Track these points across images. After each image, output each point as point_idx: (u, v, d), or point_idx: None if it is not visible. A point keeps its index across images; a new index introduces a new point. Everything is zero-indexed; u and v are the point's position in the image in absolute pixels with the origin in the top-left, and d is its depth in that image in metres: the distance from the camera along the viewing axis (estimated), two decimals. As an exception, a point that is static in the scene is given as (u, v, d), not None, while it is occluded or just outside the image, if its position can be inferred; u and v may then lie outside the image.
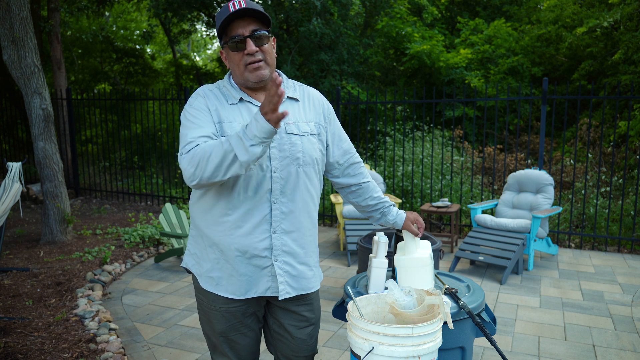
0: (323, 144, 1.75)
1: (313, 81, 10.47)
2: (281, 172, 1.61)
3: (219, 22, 1.55)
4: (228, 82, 1.68)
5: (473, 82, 9.04)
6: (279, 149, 1.61)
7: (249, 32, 1.55)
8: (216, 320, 1.70)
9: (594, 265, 5.06)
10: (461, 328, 1.78)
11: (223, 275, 1.65)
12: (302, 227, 1.68)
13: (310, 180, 1.69)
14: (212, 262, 1.66)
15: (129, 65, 15.49)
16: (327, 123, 1.77)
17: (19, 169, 4.53)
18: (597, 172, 6.69)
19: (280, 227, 1.63)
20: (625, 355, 3.10)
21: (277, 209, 1.61)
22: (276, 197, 1.61)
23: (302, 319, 1.75)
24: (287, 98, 1.69)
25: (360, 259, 3.73)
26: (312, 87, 1.81)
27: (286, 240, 1.64)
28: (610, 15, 8.22)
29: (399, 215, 1.91)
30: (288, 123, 1.64)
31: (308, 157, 1.66)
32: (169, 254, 4.99)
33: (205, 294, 1.70)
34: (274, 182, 1.60)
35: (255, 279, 1.64)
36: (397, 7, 10.66)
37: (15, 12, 5.00)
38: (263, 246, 1.61)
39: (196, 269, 1.72)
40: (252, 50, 1.55)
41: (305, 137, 1.66)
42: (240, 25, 1.55)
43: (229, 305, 1.67)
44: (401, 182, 7.08)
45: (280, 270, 1.64)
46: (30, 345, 3.07)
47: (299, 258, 1.68)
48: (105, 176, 8.94)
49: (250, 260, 1.62)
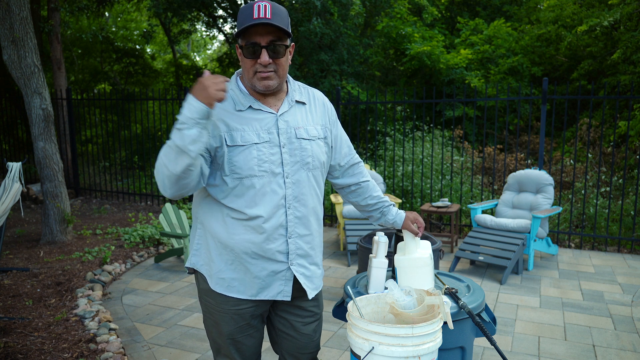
0: (329, 146, 1.76)
1: (313, 81, 10.47)
2: (292, 177, 1.62)
3: (241, 22, 1.52)
4: (236, 86, 1.64)
5: (473, 82, 9.04)
6: (290, 154, 1.61)
7: (266, 43, 1.52)
8: (224, 322, 1.69)
9: (594, 265, 5.06)
10: (461, 328, 1.79)
11: (236, 277, 1.64)
12: (313, 230, 1.70)
13: (318, 184, 1.71)
14: (225, 264, 1.64)
15: (129, 65, 15.49)
16: (332, 125, 1.79)
17: (19, 169, 4.53)
18: (597, 172, 6.69)
19: (295, 231, 1.64)
20: (625, 355, 3.10)
21: (291, 214, 1.62)
22: (290, 202, 1.62)
23: (309, 314, 1.78)
24: (295, 102, 1.69)
25: (360, 259, 3.73)
26: (314, 88, 1.81)
27: (300, 243, 1.66)
28: (610, 14, 8.23)
29: (398, 214, 1.91)
30: (297, 128, 1.64)
31: (317, 162, 1.68)
32: (169, 254, 4.99)
33: (214, 296, 1.68)
34: (287, 188, 1.61)
35: (268, 283, 1.65)
36: (397, 7, 10.66)
37: (15, 12, 5.00)
38: (280, 250, 1.62)
39: (206, 269, 1.69)
40: (265, 61, 1.53)
41: (314, 141, 1.67)
42: (259, 33, 1.52)
43: (238, 306, 1.67)
44: (401, 182, 7.08)
45: (298, 272, 1.66)
46: (30, 345, 3.07)
47: (310, 259, 1.71)
48: (105, 176, 8.94)
49: (266, 264, 1.63)
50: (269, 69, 1.55)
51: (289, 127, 1.63)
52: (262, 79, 1.56)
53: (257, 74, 1.56)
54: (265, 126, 1.59)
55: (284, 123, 1.62)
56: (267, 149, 1.58)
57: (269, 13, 1.49)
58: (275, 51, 1.54)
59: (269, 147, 1.58)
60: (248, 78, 1.59)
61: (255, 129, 1.58)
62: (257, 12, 1.49)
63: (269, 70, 1.55)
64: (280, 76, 1.59)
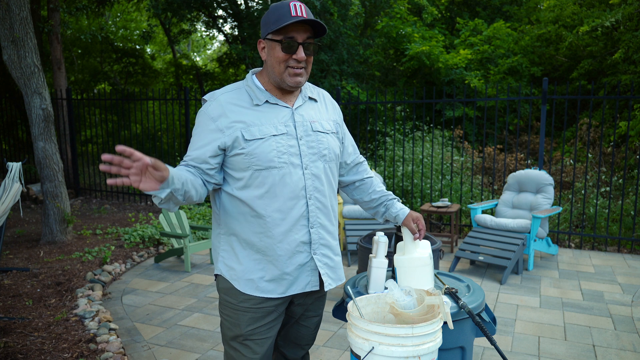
0: (340, 141, 1.83)
1: (313, 81, 10.46)
2: (311, 168, 1.67)
3: (277, 18, 1.55)
4: (252, 82, 1.69)
5: (473, 82, 9.03)
6: (308, 146, 1.66)
7: (303, 40, 1.58)
8: (244, 321, 1.69)
9: (594, 265, 5.06)
10: (461, 328, 1.78)
11: (265, 275, 1.66)
12: (333, 220, 1.76)
13: (334, 176, 1.77)
14: (253, 263, 1.66)
15: (129, 65, 15.49)
16: (341, 123, 1.86)
17: (19, 169, 4.53)
18: (597, 172, 6.69)
19: (317, 221, 1.68)
20: (625, 355, 3.10)
21: (312, 204, 1.67)
22: (311, 192, 1.66)
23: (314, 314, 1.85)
24: (308, 98, 1.75)
25: (360, 259, 3.73)
26: (322, 89, 1.89)
27: (323, 233, 1.71)
28: (612, 15, 8.23)
29: (402, 210, 1.93)
30: (313, 121, 1.70)
31: (332, 154, 1.73)
32: (169, 254, 4.99)
33: (238, 296, 1.68)
34: (307, 179, 1.65)
35: (296, 277, 1.68)
36: (397, 7, 10.66)
37: (15, 12, 5.00)
38: (303, 241, 1.66)
39: (232, 273, 1.69)
40: (301, 57, 1.59)
41: (329, 134, 1.74)
42: (297, 30, 1.57)
43: (267, 303, 1.68)
44: (401, 182, 7.08)
45: (320, 262, 1.70)
46: (30, 345, 3.07)
47: (335, 250, 1.77)
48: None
49: (291, 258, 1.65)
50: (301, 65, 1.61)
51: (304, 121, 1.68)
52: (294, 75, 1.61)
53: (288, 69, 1.61)
54: (282, 119, 1.65)
55: (300, 117, 1.68)
56: (285, 141, 1.62)
57: (305, 12, 1.56)
58: (310, 49, 1.61)
59: (287, 139, 1.63)
60: (278, 72, 1.62)
61: (272, 122, 1.63)
62: (295, 10, 1.55)
63: (301, 67, 1.61)
64: (308, 73, 1.66)
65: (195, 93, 8.06)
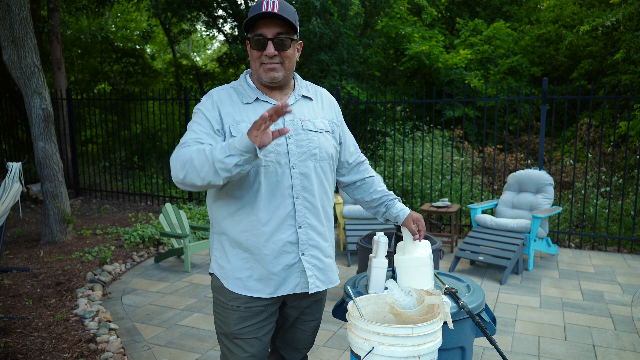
0: (337, 141, 1.80)
1: (313, 81, 10.46)
2: (300, 167, 1.65)
3: (250, 15, 1.58)
4: (245, 81, 1.71)
5: (473, 82, 9.03)
6: (297, 145, 1.65)
7: (272, 35, 1.58)
8: (233, 320, 1.68)
9: (594, 265, 5.06)
10: (461, 328, 1.78)
11: (253, 275, 1.65)
12: (323, 221, 1.72)
13: (326, 176, 1.74)
14: (241, 262, 1.66)
15: (129, 65, 15.48)
16: (339, 122, 1.84)
17: (19, 169, 4.53)
18: (597, 172, 6.69)
19: (305, 221, 1.66)
20: (625, 355, 3.10)
21: (300, 204, 1.65)
22: (298, 192, 1.64)
23: (311, 318, 1.82)
24: (301, 97, 1.74)
25: (360, 259, 3.73)
26: (322, 88, 1.86)
27: (312, 234, 1.68)
28: (613, 14, 8.22)
29: (402, 210, 1.92)
30: (304, 120, 1.69)
31: (324, 153, 1.71)
32: (169, 254, 4.99)
33: (227, 294, 1.68)
34: (294, 178, 1.63)
35: (284, 278, 1.66)
36: (397, 7, 10.65)
37: (15, 12, 5.00)
38: (289, 241, 1.64)
39: (222, 272, 1.70)
40: (270, 53, 1.59)
41: (321, 133, 1.71)
42: (266, 26, 1.58)
43: (255, 303, 1.67)
44: (401, 182, 7.08)
45: (309, 264, 1.67)
46: (30, 345, 3.07)
47: (325, 251, 1.73)
48: (105, 176, 8.93)
49: (278, 258, 1.64)
50: (274, 61, 1.60)
51: (295, 119, 1.67)
52: (268, 70, 1.61)
53: (262, 65, 1.61)
54: None
55: (290, 115, 1.66)
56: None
57: (277, 8, 1.56)
58: (281, 44, 1.59)
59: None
60: (255, 69, 1.64)
61: None
62: (266, 6, 1.55)
63: (274, 62, 1.60)
64: (286, 69, 1.63)
65: (195, 93, 8.06)
